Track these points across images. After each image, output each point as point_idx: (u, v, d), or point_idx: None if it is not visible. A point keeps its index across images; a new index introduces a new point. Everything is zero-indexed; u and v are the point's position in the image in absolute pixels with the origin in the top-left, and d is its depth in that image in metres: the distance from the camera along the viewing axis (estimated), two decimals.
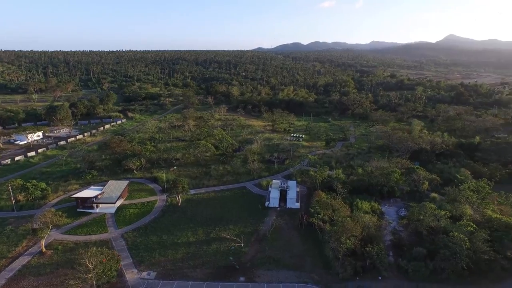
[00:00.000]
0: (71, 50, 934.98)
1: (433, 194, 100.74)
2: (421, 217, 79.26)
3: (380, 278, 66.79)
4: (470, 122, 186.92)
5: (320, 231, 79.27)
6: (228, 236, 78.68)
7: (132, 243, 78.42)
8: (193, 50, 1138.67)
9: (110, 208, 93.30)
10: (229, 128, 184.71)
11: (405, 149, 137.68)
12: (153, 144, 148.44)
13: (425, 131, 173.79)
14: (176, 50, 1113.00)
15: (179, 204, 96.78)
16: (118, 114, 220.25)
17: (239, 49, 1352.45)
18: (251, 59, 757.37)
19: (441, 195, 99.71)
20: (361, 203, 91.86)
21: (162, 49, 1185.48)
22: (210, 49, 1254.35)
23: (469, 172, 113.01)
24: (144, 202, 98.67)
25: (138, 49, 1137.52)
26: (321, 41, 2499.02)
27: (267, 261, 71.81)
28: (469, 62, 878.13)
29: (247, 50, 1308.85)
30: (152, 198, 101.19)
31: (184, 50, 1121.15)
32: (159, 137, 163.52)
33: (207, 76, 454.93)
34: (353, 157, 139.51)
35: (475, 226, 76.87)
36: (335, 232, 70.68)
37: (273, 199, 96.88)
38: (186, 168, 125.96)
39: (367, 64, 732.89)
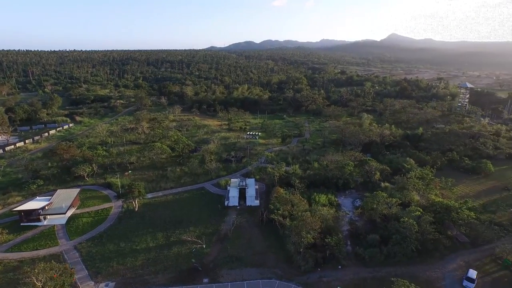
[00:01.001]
0: (3, 49, 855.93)
1: (384, 184, 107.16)
2: (375, 206, 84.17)
3: (340, 267, 69.94)
4: (413, 115, 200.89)
5: (280, 226, 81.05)
6: (189, 238, 77.74)
7: (87, 254, 74.54)
8: (144, 50, 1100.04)
9: (60, 219, 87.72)
10: (185, 129, 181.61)
11: (357, 142, 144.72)
12: (105, 148, 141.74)
13: (374, 124, 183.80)
14: (125, 50, 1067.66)
15: (136, 209, 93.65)
16: (64, 118, 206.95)
17: (191, 48, 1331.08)
18: (204, 58, 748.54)
19: (392, 184, 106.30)
20: (318, 197, 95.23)
21: (110, 49, 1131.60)
22: (161, 49, 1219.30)
23: (414, 161, 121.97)
24: (98, 210, 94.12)
25: (84, 49, 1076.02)
26: (273, 39, 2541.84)
27: (230, 260, 72.05)
28: (410, 59, 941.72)
29: (199, 49, 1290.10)
30: (106, 205, 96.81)
31: (134, 50, 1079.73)
32: (111, 141, 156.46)
33: (160, 77, 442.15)
34: (308, 152, 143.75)
35: (421, 210, 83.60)
36: (295, 226, 72.71)
37: (233, 198, 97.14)
38: (141, 172, 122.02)
39: (318, 62, 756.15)
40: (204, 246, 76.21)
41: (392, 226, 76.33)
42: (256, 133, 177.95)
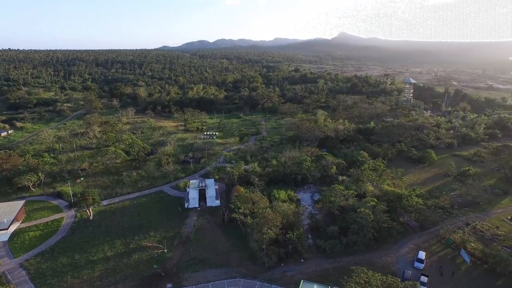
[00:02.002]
0: None
1: (341, 177, 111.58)
2: (332, 198, 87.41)
3: (302, 260, 71.87)
4: (364, 110, 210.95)
5: (242, 225, 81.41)
6: (150, 244, 75.49)
7: (35, 271, 69.15)
8: (92, 50, 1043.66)
9: (1, 236, 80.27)
10: (139, 131, 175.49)
11: (313, 138, 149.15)
12: (52, 155, 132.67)
13: (329, 120, 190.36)
14: (71, 50, 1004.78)
15: (91, 217, 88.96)
16: (1, 125, 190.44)
17: (142, 48, 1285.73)
18: (156, 58, 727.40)
19: (347, 177, 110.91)
20: (278, 193, 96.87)
21: (53, 49, 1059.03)
22: (111, 49, 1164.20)
23: (367, 154, 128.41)
24: (47, 222, 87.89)
25: (21, 48, 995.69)
26: (227, 38, 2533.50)
27: (194, 263, 71.09)
28: (359, 57, 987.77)
29: (151, 49, 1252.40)
30: (57, 216, 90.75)
31: (81, 50, 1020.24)
32: (59, 147, 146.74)
33: (110, 78, 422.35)
34: (266, 149, 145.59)
35: (376, 200, 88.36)
36: (257, 224, 73.42)
37: (193, 199, 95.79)
38: (95, 178, 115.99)
39: (272, 60, 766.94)
40: (165, 250, 74.41)
41: (350, 217, 79.82)
42: (214, 133, 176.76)
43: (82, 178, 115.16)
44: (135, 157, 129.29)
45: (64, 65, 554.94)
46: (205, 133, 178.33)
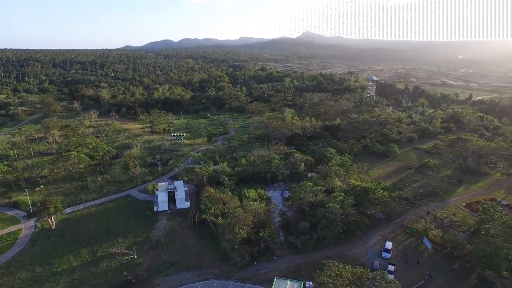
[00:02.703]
0: None
1: (310, 173, 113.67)
2: (302, 195, 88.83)
3: (275, 257, 72.53)
4: (330, 107, 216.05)
5: (214, 226, 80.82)
6: (119, 250, 72.97)
7: None
8: (48, 50, 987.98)
9: None
10: (103, 135, 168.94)
11: (281, 136, 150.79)
12: (6, 163, 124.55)
13: (296, 118, 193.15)
14: (23, 50, 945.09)
15: (54, 227, 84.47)
16: None
17: (104, 47, 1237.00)
18: (119, 58, 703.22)
19: (316, 173, 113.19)
20: (248, 192, 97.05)
21: (2, 48, 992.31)
22: (69, 48, 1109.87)
23: (334, 150, 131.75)
24: (2, 235, 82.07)
25: None
26: (192, 37, 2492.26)
27: (165, 267, 69.62)
28: (323, 55, 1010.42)
29: (113, 49, 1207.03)
30: (14, 228, 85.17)
31: (36, 50, 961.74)
32: (14, 154, 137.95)
33: (70, 79, 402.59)
34: (235, 149, 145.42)
35: (344, 195, 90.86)
36: (228, 224, 73.18)
37: (162, 202, 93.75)
38: (56, 185, 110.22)
39: (238, 59, 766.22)
40: (135, 256, 72.28)
41: (320, 213, 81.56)
42: (181, 134, 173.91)
43: (41, 186, 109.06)
44: (100, 161, 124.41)
45: (16, 65, 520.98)
46: (172, 134, 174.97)
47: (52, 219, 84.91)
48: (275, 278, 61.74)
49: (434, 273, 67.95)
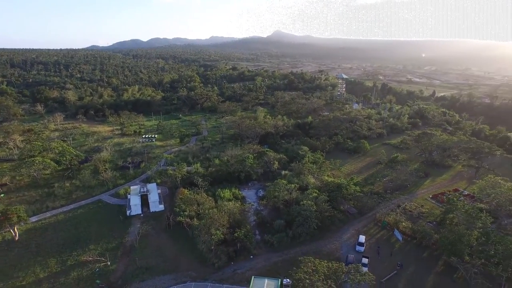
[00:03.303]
0: None
1: (283, 171, 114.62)
2: (276, 193, 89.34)
3: (252, 257, 72.56)
4: (302, 105, 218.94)
5: (189, 228, 79.75)
6: (90, 258, 70.24)
7: None
8: (4, 49, 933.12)
9: None
10: (70, 138, 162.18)
11: (254, 135, 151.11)
12: None
13: (268, 116, 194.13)
14: None
15: (17, 238, 79.94)
16: None
17: (68, 47, 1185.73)
18: (85, 58, 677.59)
19: (290, 171, 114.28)
20: (223, 192, 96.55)
21: None
22: (29, 48, 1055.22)
23: (307, 148, 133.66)
24: None
25: None
26: (161, 37, 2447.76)
27: (140, 272, 67.82)
28: (294, 54, 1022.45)
29: (79, 49, 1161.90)
30: None
31: None
32: None
33: (31, 81, 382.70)
34: (208, 149, 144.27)
35: (317, 191, 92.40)
36: (204, 225, 72.42)
37: (135, 206, 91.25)
38: (20, 193, 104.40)
39: (209, 59, 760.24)
40: (109, 263, 69.93)
41: (294, 210, 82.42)
42: (153, 136, 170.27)
43: (2, 195, 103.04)
44: (67, 166, 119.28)
45: None
46: (143, 136, 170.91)
47: (15, 229, 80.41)
48: (253, 277, 61.76)
49: (405, 263, 70.64)
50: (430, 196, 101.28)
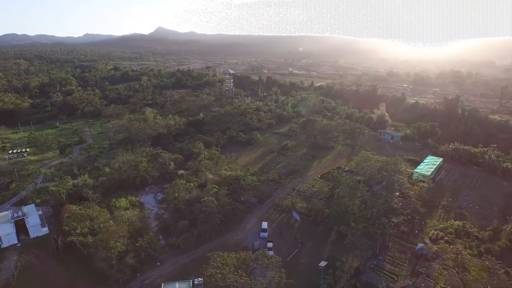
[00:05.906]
0: None
1: (180, 171, 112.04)
2: (176, 194, 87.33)
3: (158, 263, 69.54)
4: (192, 102, 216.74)
5: (83, 246, 71.48)
6: None
7: None
8: None
9: None
10: None
11: (146, 137, 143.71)
12: None
13: (159, 117, 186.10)
14: None
15: None
16: None
17: None
18: None
19: (187, 170, 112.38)
20: (118, 202, 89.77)
21: None
22: None
23: (202, 144, 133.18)
24: None
25: None
26: (19, 33, 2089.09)
27: None
28: (179, 51, 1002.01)
29: None
30: None
31: None
32: None
33: None
34: (96, 158, 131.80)
35: (217, 186, 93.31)
36: (100, 240, 66.18)
37: (7, 236, 76.93)
38: None
39: (86, 59, 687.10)
40: None
41: (197, 208, 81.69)
42: (23, 150, 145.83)
43: None
44: None
45: None
46: (9, 152, 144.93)
47: None
48: (163, 284, 59.41)
49: (305, 239, 77.43)
50: (319, 176, 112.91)
